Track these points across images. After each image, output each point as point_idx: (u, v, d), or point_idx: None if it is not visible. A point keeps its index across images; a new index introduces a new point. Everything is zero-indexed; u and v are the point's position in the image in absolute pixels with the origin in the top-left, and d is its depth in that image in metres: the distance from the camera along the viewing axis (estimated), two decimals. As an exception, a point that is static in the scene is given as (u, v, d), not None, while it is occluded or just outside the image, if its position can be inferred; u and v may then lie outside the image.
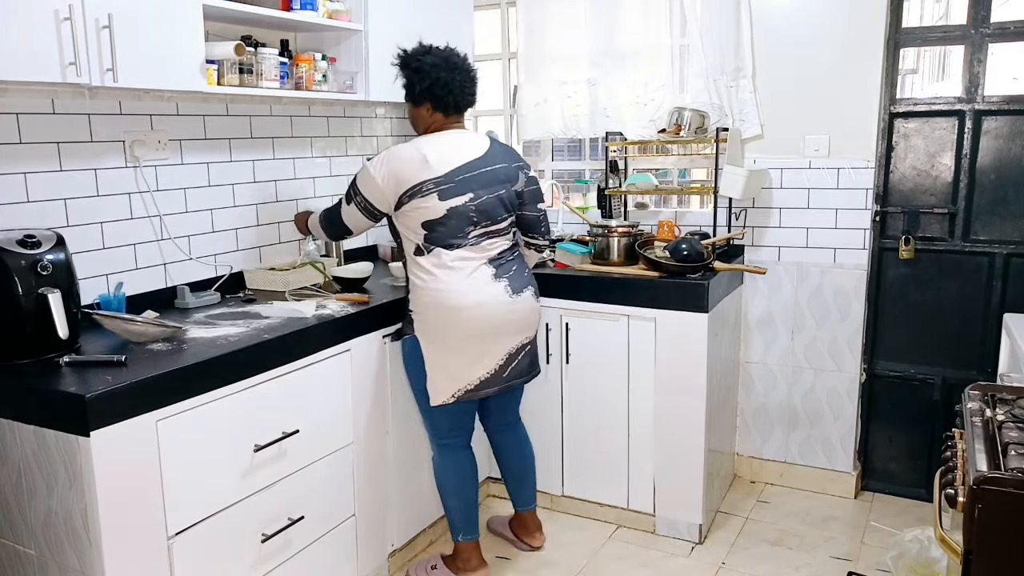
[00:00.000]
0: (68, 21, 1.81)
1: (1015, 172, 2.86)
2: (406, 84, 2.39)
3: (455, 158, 2.31)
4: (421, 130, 2.43)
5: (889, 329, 3.15)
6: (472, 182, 2.32)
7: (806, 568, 2.70)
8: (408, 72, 2.36)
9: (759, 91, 3.09)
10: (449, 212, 2.28)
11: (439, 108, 2.38)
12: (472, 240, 2.34)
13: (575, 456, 3.03)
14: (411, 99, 2.40)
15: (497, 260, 2.41)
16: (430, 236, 2.31)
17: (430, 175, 2.26)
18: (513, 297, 2.39)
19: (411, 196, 2.27)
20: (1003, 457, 1.42)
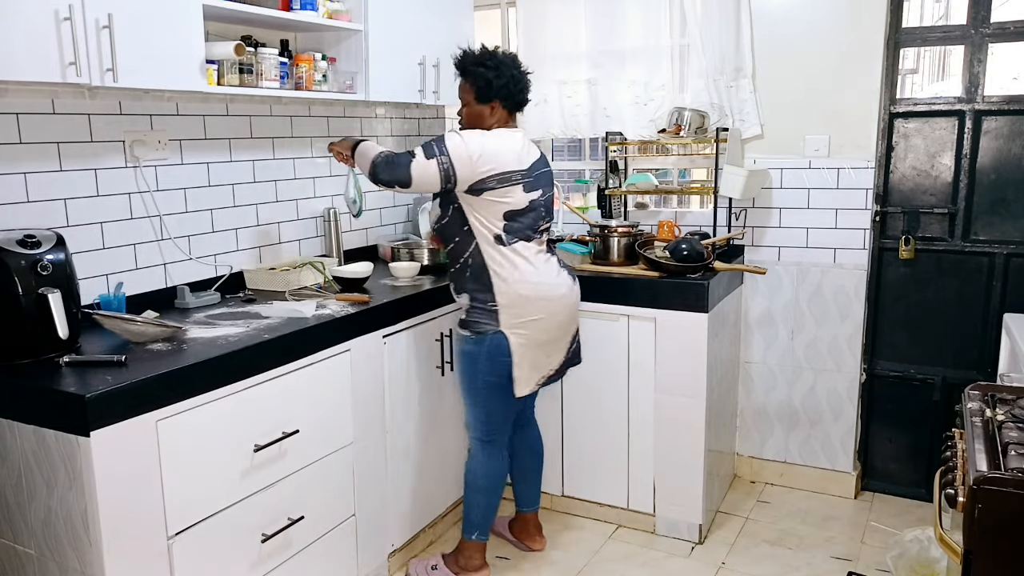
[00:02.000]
0: (68, 21, 1.81)
1: (1015, 172, 2.86)
2: (481, 83, 2.38)
3: (531, 154, 2.42)
4: (486, 127, 2.42)
5: (889, 329, 3.15)
6: (541, 179, 2.44)
7: (806, 568, 2.70)
8: (485, 70, 2.37)
9: (759, 91, 3.09)
10: (530, 205, 2.37)
11: (508, 106, 2.42)
12: (539, 234, 2.45)
13: (575, 456, 3.03)
14: (483, 97, 2.39)
15: (552, 250, 2.55)
16: (510, 227, 2.35)
17: (518, 166, 2.34)
18: (573, 285, 2.53)
19: (500, 182, 2.30)
20: (1003, 457, 1.42)
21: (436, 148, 2.30)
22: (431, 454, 2.79)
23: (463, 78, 2.42)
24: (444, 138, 2.32)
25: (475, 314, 2.40)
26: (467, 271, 2.40)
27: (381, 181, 2.36)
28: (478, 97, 2.40)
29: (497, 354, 2.40)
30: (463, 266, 2.41)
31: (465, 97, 2.43)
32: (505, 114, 2.43)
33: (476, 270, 2.38)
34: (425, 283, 2.79)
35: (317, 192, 3.04)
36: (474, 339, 2.42)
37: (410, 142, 3.55)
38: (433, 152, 2.29)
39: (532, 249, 2.41)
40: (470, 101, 2.42)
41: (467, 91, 2.42)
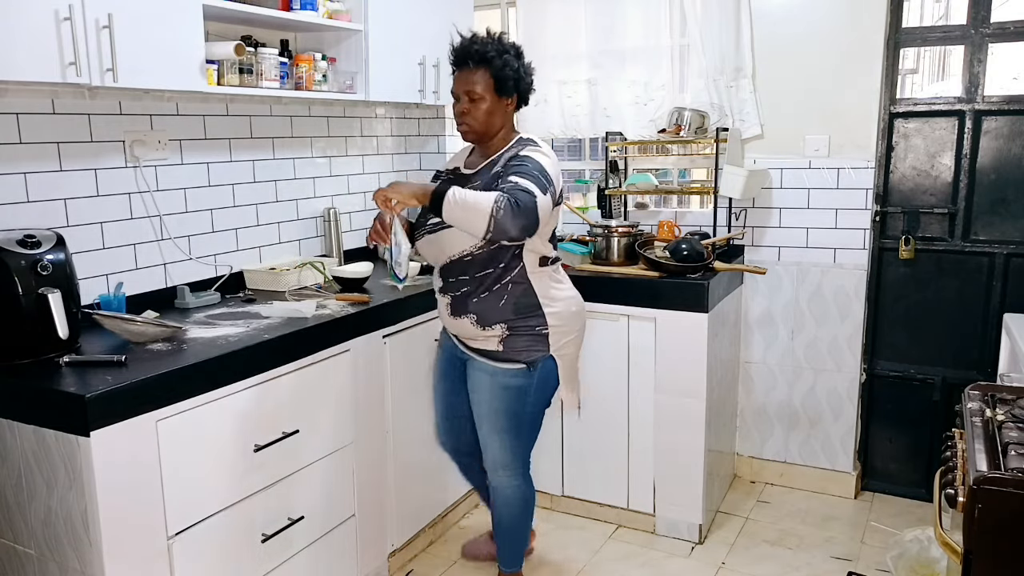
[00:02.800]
0: (68, 21, 1.81)
1: (1015, 172, 2.86)
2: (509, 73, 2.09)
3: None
4: (496, 129, 2.14)
5: (889, 329, 3.15)
6: None
7: (806, 568, 2.70)
8: (520, 62, 2.12)
9: (759, 91, 3.09)
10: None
11: (520, 106, 2.20)
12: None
13: (575, 456, 3.03)
14: (505, 91, 2.11)
15: None
16: (553, 244, 2.22)
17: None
18: None
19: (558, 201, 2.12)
20: (1003, 457, 1.42)
21: (543, 178, 1.98)
22: (431, 454, 2.78)
23: (480, 67, 2.07)
24: (537, 161, 2.02)
25: (521, 342, 2.16)
26: (503, 298, 2.12)
27: (502, 235, 1.90)
28: (499, 91, 2.09)
29: (550, 380, 2.23)
30: (497, 294, 2.12)
31: (476, 91, 2.07)
32: (513, 111, 2.19)
33: (519, 295, 2.13)
34: (425, 283, 2.78)
35: (317, 192, 3.04)
36: (524, 371, 2.18)
37: (410, 142, 3.55)
38: (544, 184, 1.98)
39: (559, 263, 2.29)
40: (484, 96, 2.08)
41: (483, 84, 2.07)
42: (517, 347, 2.16)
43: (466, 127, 2.12)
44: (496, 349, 2.17)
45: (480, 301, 2.14)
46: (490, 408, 2.23)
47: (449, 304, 2.20)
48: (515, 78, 2.10)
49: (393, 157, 3.46)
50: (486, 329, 2.15)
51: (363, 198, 3.29)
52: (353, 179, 3.23)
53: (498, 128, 2.14)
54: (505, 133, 2.17)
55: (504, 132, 2.16)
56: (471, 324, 2.16)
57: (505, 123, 2.15)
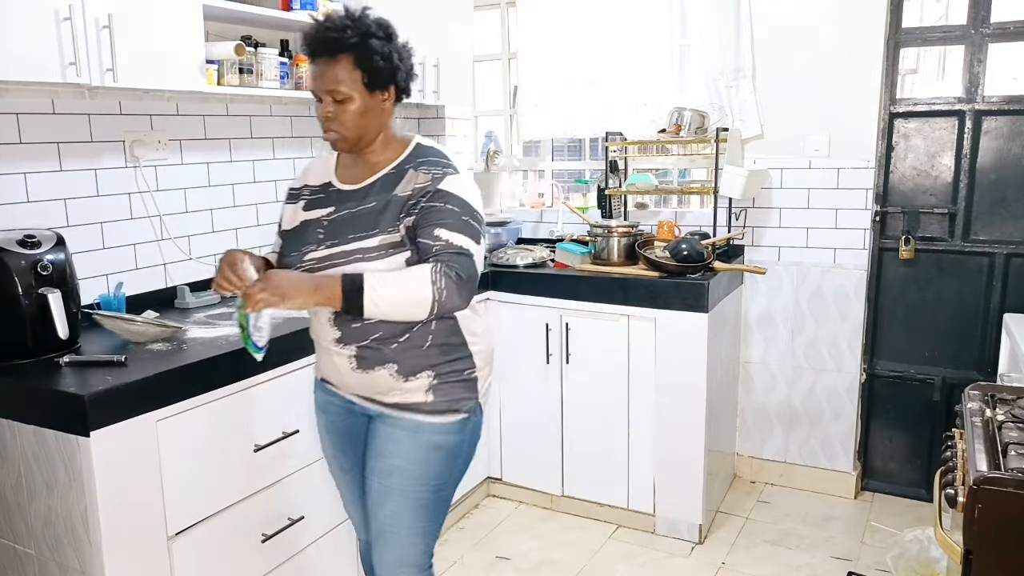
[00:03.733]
0: (68, 21, 1.81)
1: (1015, 172, 2.86)
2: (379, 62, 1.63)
3: None
4: (374, 132, 1.69)
5: (889, 329, 3.14)
6: None
7: (806, 568, 2.69)
8: (391, 44, 1.67)
9: (759, 91, 3.09)
10: None
11: (400, 98, 1.74)
12: None
13: (575, 456, 3.03)
14: (388, 82, 1.67)
15: None
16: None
17: None
18: None
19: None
20: (1003, 457, 1.41)
21: (473, 221, 1.63)
22: None
23: (340, 57, 1.61)
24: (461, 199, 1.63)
25: (449, 391, 1.70)
26: (427, 339, 1.67)
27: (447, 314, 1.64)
28: (370, 85, 1.64)
29: (478, 435, 1.81)
30: (420, 335, 1.67)
31: (341, 90, 1.61)
32: (393, 109, 1.72)
33: (446, 334, 1.70)
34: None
35: (317, 192, 3.04)
36: (456, 425, 1.72)
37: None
38: (476, 229, 1.64)
39: None
40: (352, 94, 1.62)
41: (349, 78, 1.61)
42: (448, 396, 1.70)
43: (335, 135, 1.66)
44: (424, 400, 1.68)
45: (401, 347, 1.65)
46: (406, 477, 1.71)
47: (354, 358, 1.67)
48: (389, 66, 1.64)
49: (393, 157, 3.45)
50: (409, 380, 1.67)
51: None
52: (353, 179, 3.22)
53: (376, 131, 1.69)
54: (386, 136, 1.72)
55: (385, 135, 1.72)
56: (389, 376, 1.67)
57: (385, 124, 1.70)
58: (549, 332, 2.96)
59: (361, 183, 1.71)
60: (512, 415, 3.12)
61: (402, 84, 1.70)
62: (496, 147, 3.68)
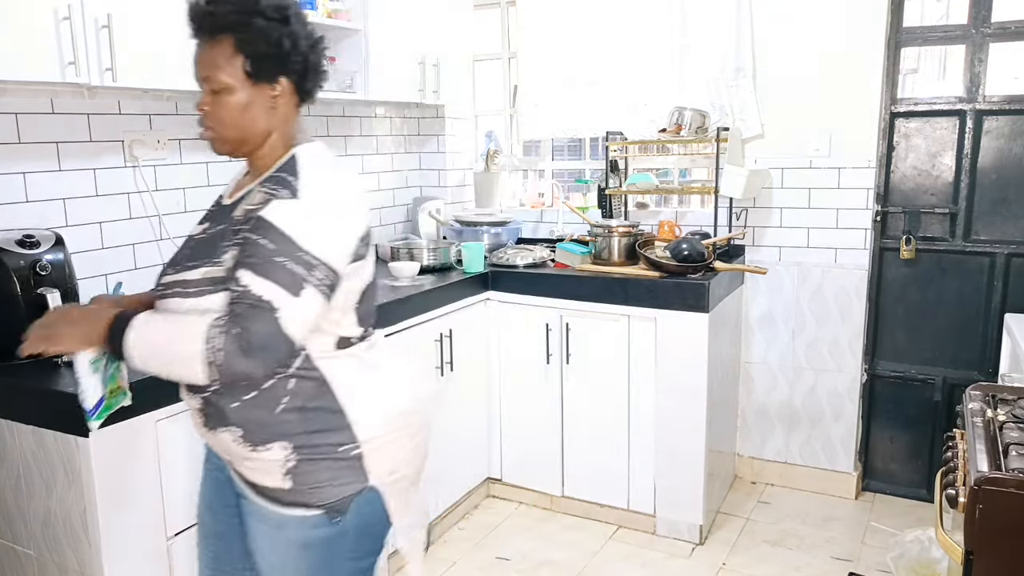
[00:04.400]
0: (67, 21, 1.80)
1: (1016, 172, 2.85)
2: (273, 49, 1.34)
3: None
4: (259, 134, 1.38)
5: (890, 329, 3.14)
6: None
7: (807, 568, 2.69)
8: (286, 28, 1.35)
9: (759, 91, 3.08)
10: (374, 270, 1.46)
11: (305, 91, 1.42)
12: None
13: (575, 456, 3.03)
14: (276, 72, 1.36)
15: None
16: (361, 311, 1.41)
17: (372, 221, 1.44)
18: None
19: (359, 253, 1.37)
20: (1004, 458, 1.41)
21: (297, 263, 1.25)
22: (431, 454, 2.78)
23: (219, 38, 1.33)
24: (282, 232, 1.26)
25: (315, 473, 1.33)
26: (281, 400, 1.32)
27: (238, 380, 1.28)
28: (254, 74, 1.34)
29: (375, 525, 1.41)
30: (271, 393, 1.32)
31: (218, 77, 1.33)
32: (294, 108, 1.41)
33: (309, 395, 1.33)
34: (425, 283, 2.78)
35: (317, 192, 3.03)
36: (324, 517, 1.34)
37: (410, 142, 3.55)
38: (297, 276, 1.24)
39: (382, 335, 1.53)
40: (231, 84, 1.33)
41: (227, 64, 1.33)
42: (312, 481, 1.33)
43: (211, 132, 1.38)
44: (280, 486, 1.33)
45: (244, 405, 1.31)
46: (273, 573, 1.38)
47: (199, 412, 1.37)
48: (278, 53, 1.34)
49: (393, 157, 3.45)
50: (258, 450, 1.32)
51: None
52: (353, 179, 3.22)
53: (263, 133, 1.37)
54: (280, 141, 1.39)
55: (278, 139, 1.39)
56: (234, 442, 1.33)
57: (276, 126, 1.38)
58: (549, 332, 2.96)
59: (233, 198, 1.41)
60: (512, 415, 3.12)
61: (298, 78, 1.38)
62: (496, 147, 3.68)
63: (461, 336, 2.87)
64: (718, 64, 3.09)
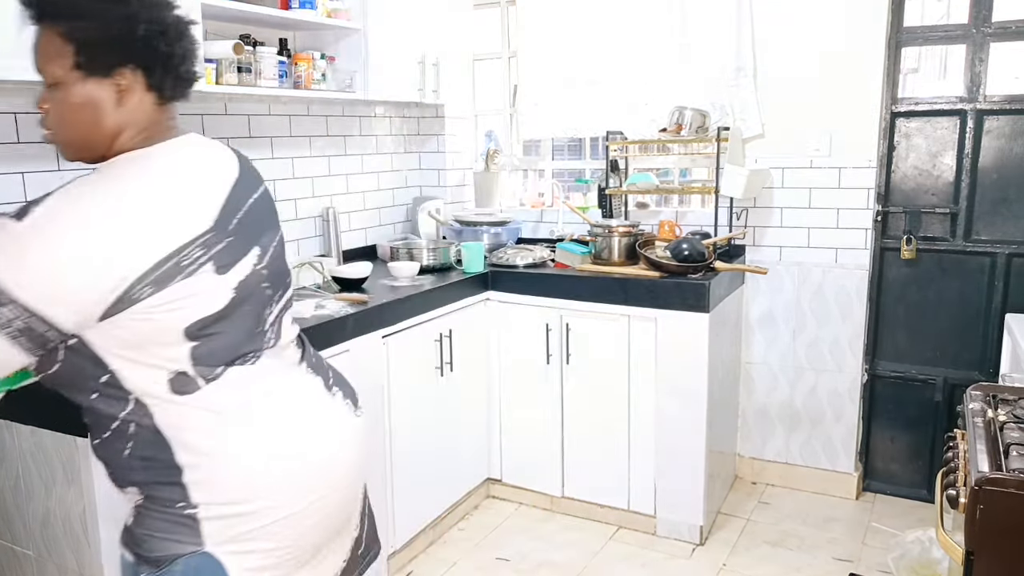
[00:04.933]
0: (66, 20, 1.80)
1: (1017, 172, 2.85)
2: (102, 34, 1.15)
3: (224, 180, 1.24)
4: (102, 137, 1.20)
5: (891, 329, 3.14)
6: (255, 225, 1.27)
7: (807, 569, 2.69)
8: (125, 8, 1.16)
9: (760, 90, 3.08)
10: (238, 293, 1.21)
11: (159, 85, 1.21)
12: (273, 333, 1.31)
13: (575, 456, 3.02)
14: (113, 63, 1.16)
15: (305, 352, 1.41)
16: (202, 351, 1.17)
17: (197, 230, 1.15)
18: (357, 412, 1.42)
19: (162, 280, 1.10)
20: (1005, 458, 1.41)
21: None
22: (431, 455, 2.78)
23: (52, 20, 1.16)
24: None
25: (151, 522, 1.21)
26: (125, 447, 1.19)
27: None
28: (86, 64, 1.15)
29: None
30: (117, 435, 1.20)
31: (49, 69, 1.17)
32: (154, 103, 1.21)
33: (144, 446, 1.19)
34: (425, 283, 2.78)
35: (316, 192, 3.04)
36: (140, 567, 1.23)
37: (409, 141, 3.54)
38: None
39: (263, 371, 1.26)
40: (62, 78, 1.16)
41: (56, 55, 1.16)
42: (145, 529, 1.21)
43: (49, 134, 1.24)
44: (126, 525, 1.26)
45: (101, 445, 1.23)
46: None
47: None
48: (116, 38, 1.15)
49: (392, 156, 3.45)
50: (121, 490, 1.25)
51: (362, 197, 3.29)
52: (352, 178, 3.22)
53: (109, 135, 1.20)
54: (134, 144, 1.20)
55: (129, 142, 1.20)
56: (106, 477, 1.26)
57: (125, 125, 1.19)
58: (549, 332, 2.95)
59: None
60: (512, 416, 3.11)
61: (146, 69, 1.17)
62: (496, 147, 3.68)
63: (461, 336, 2.87)
64: (718, 64, 3.08)
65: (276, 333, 1.32)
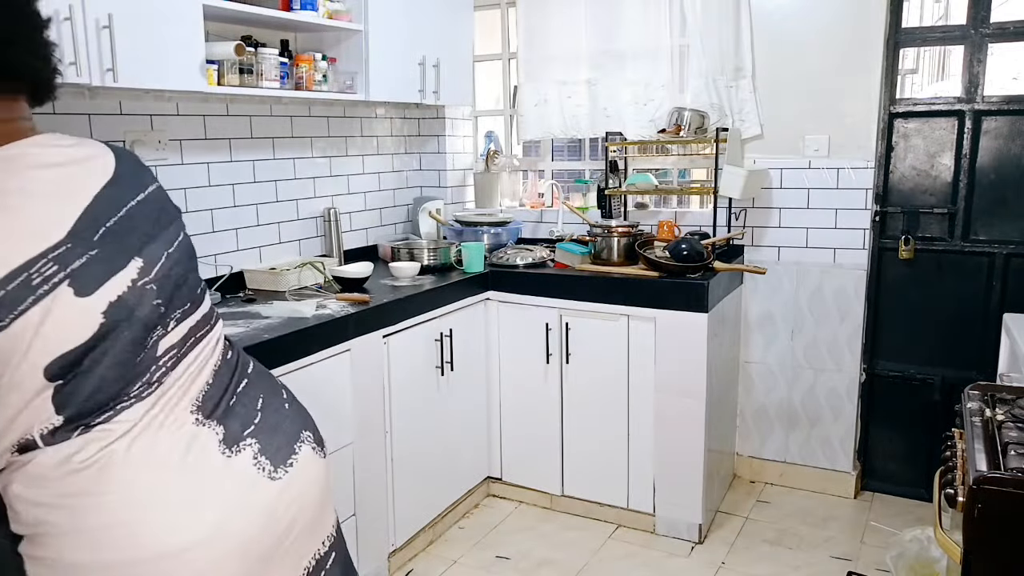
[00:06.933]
0: (68, 21, 1.81)
1: (1015, 172, 2.86)
2: None
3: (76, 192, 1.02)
4: None
5: (889, 329, 3.15)
6: (129, 234, 1.06)
7: (806, 568, 2.70)
8: None
9: (759, 91, 3.09)
10: (108, 318, 1.00)
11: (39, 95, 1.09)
12: (164, 366, 1.09)
13: (575, 456, 3.03)
14: None
15: (216, 393, 1.15)
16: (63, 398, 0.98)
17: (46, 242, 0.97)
18: (277, 476, 1.14)
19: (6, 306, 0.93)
20: (1003, 457, 1.41)
21: None
22: (431, 454, 2.79)
23: None
24: None
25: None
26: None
27: None
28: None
29: None
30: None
31: None
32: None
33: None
34: (425, 283, 2.79)
35: (317, 192, 3.04)
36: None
37: (410, 142, 3.55)
38: None
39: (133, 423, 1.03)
40: None
41: None
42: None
43: None
44: None
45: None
46: None
47: None
48: None
49: (393, 157, 3.46)
50: None
51: (363, 198, 3.29)
52: (353, 179, 3.23)
53: None
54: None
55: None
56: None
57: None
58: (549, 332, 2.96)
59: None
60: (512, 415, 3.12)
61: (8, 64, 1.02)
62: (496, 147, 3.68)
63: (461, 336, 2.88)
64: (718, 64, 3.09)
65: (170, 364, 1.08)
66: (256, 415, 1.17)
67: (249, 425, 1.15)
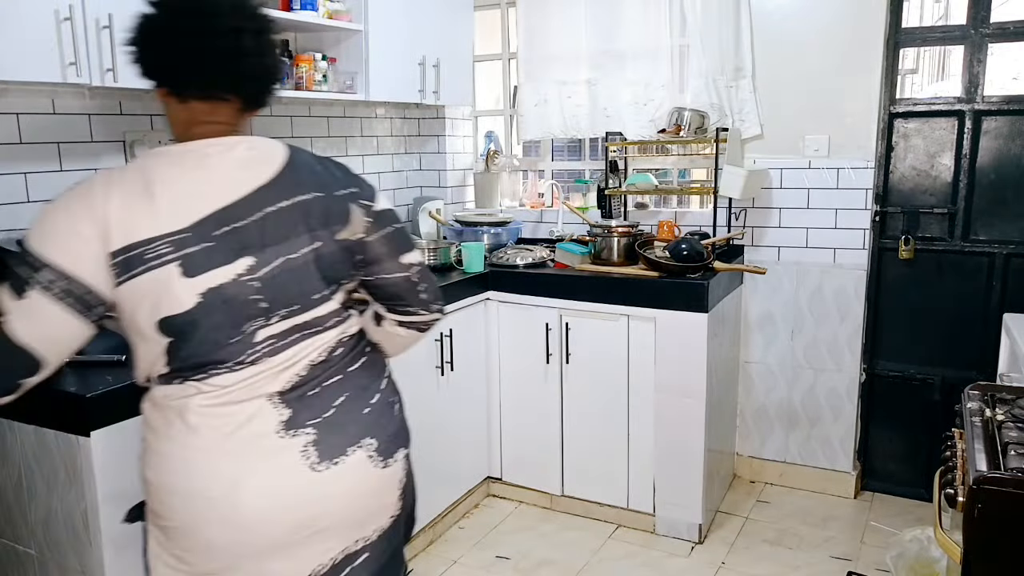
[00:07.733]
0: (68, 21, 1.81)
1: (1015, 172, 2.86)
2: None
3: (216, 192, 1.20)
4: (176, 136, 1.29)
5: (889, 329, 3.15)
6: (251, 236, 1.21)
7: (806, 568, 2.70)
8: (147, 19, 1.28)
9: (759, 91, 3.09)
10: (206, 299, 1.18)
11: (177, 89, 1.25)
12: (260, 351, 1.24)
13: (575, 456, 3.03)
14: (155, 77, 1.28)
15: (300, 388, 1.28)
16: (170, 353, 1.21)
17: (168, 227, 1.16)
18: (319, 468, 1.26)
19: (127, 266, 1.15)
20: (1003, 457, 1.42)
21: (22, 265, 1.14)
22: (431, 454, 2.78)
23: None
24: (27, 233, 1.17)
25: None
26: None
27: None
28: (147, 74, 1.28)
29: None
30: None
31: None
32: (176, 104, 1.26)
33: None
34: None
35: (317, 192, 3.04)
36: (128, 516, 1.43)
37: (410, 142, 3.55)
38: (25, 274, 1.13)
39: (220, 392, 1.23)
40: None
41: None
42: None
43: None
44: None
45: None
46: None
47: None
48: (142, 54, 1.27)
49: (393, 157, 3.46)
50: None
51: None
52: (353, 179, 3.22)
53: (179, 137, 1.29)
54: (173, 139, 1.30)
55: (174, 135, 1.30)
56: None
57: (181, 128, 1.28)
58: (549, 332, 2.96)
59: None
60: (512, 415, 3.12)
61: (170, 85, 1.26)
62: (496, 147, 3.68)
63: (461, 336, 2.87)
64: (718, 64, 3.09)
65: (266, 352, 1.24)
66: (329, 410, 1.30)
67: (317, 416, 1.28)
